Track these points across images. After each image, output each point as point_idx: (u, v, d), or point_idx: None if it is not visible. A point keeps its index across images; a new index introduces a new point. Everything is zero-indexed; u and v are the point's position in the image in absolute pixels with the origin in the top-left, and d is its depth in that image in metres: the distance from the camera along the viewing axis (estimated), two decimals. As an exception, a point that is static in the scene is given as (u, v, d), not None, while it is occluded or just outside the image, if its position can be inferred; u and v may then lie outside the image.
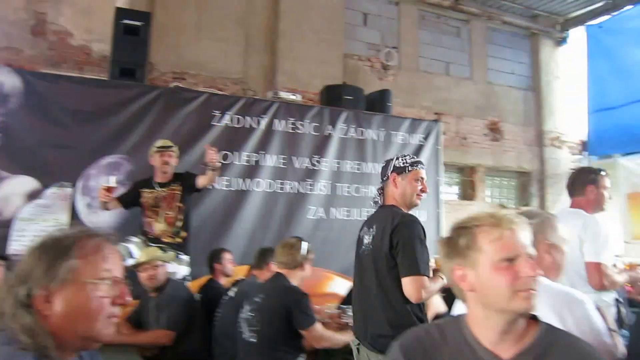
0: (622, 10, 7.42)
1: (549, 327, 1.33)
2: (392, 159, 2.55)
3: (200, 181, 3.80)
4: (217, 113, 4.73)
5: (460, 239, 1.31)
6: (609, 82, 7.24)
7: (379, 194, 2.54)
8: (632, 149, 7.13)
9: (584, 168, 3.34)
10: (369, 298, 2.32)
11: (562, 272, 1.76)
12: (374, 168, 5.35)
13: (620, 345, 1.71)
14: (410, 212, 2.43)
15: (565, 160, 7.91)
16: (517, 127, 7.76)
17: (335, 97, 5.55)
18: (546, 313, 1.50)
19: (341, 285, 4.43)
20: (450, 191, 7.42)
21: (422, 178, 2.50)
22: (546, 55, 8.16)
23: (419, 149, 5.64)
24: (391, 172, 2.48)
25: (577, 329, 1.52)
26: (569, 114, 8.00)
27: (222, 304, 3.27)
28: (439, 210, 5.62)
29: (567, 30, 8.29)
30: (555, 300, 1.58)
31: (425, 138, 5.72)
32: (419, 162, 2.53)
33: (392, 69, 6.90)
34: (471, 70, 7.62)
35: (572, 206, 3.00)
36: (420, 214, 5.43)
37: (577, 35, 8.09)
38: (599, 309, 1.80)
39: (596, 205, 2.96)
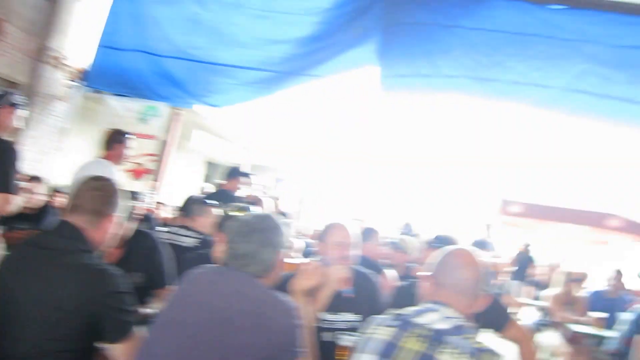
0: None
1: None
2: (8, 93, 3.38)
3: None
4: None
5: None
6: (125, 23, 7.14)
7: None
8: (122, 92, 7.69)
9: (117, 130, 4.22)
10: None
11: None
12: None
13: None
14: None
15: (59, 83, 7.62)
16: (21, 33, 6.78)
17: None
18: None
19: None
20: None
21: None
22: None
23: None
24: (5, 104, 3.26)
25: None
26: (79, 40, 7.71)
27: None
28: None
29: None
30: None
31: None
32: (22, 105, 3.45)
33: None
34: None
35: (103, 158, 3.96)
36: None
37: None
38: None
39: (119, 158, 4.04)
